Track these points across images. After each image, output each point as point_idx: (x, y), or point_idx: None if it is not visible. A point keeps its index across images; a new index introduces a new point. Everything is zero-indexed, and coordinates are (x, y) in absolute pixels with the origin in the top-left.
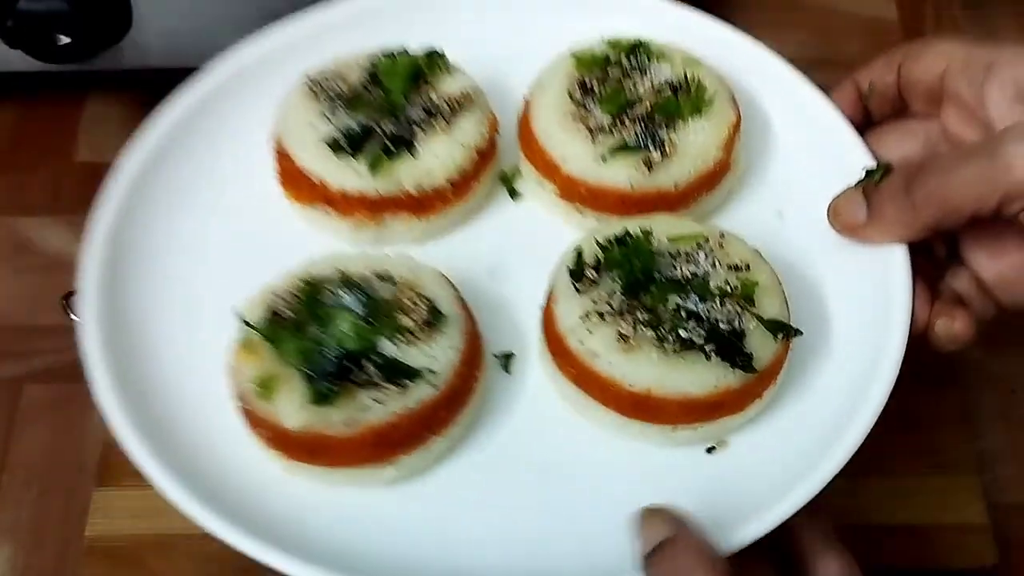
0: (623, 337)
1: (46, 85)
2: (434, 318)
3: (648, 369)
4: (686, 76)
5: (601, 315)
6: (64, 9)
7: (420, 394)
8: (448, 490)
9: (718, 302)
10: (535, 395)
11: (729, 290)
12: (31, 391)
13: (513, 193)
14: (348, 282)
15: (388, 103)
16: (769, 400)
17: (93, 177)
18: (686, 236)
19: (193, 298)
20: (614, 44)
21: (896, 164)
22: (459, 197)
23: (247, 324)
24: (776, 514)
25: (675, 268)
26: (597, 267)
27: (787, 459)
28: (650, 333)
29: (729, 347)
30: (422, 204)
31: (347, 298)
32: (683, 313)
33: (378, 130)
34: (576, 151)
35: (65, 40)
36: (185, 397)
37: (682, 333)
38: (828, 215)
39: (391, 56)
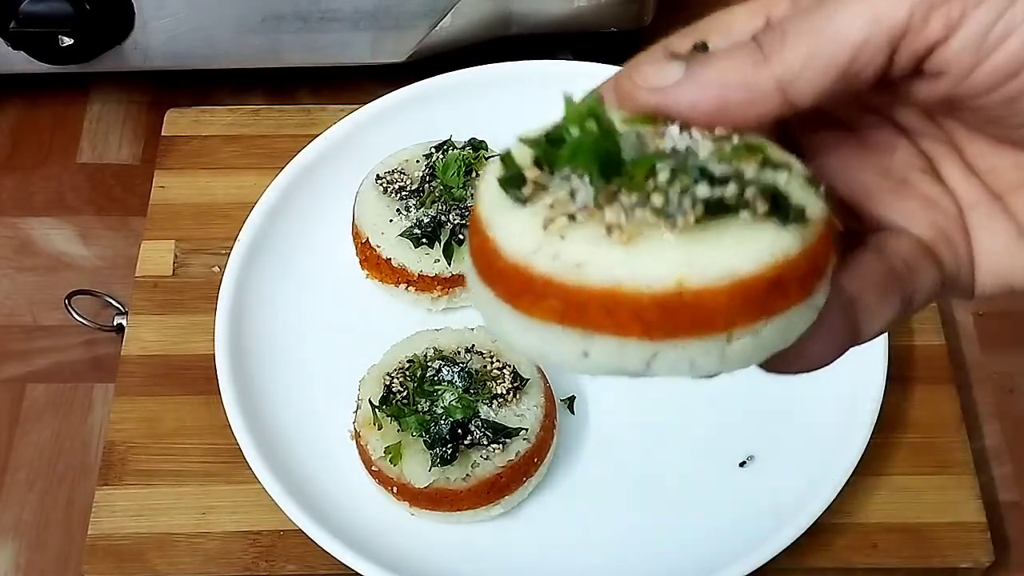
0: (614, 229)
1: (48, 86)
2: (518, 382)
3: (668, 254)
4: None
5: (571, 217)
6: (67, 11)
7: (518, 448)
8: (540, 516)
9: (728, 159)
10: (596, 429)
11: (734, 150)
12: (33, 391)
13: None
14: (444, 358)
15: (450, 196)
16: (828, 288)
17: (95, 178)
18: (644, 119)
19: (305, 372)
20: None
21: None
22: None
23: (374, 406)
24: (806, 517)
25: (646, 147)
26: (539, 164)
27: (807, 467)
28: (650, 211)
29: (773, 197)
30: None
31: (446, 372)
32: (687, 178)
33: (446, 220)
34: None
35: (68, 42)
36: (318, 459)
37: (700, 192)
38: (616, 81)
39: (443, 150)
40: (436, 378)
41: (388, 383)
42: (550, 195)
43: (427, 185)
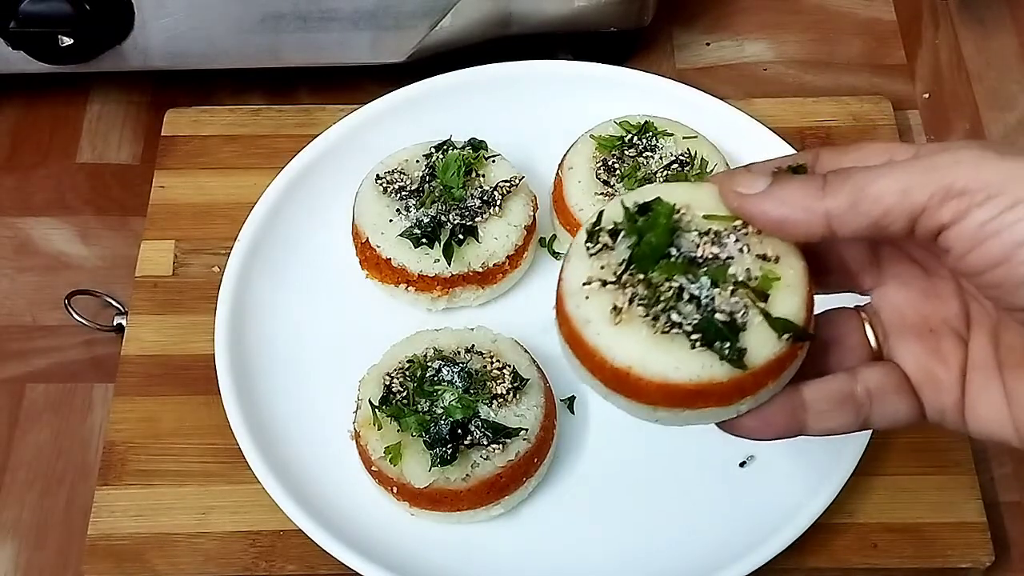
0: (616, 309)
1: (48, 86)
2: (518, 382)
3: (633, 346)
4: (688, 151)
5: (604, 282)
6: (67, 11)
7: (518, 448)
8: (540, 516)
9: (729, 290)
10: (596, 430)
11: (746, 280)
12: (33, 391)
13: (555, 254)
14: (444, 358)
15: (450, 196)
16: (767, 398)
17: (95, 178)
18: (723, 217)
19: (305, 372)
20: (624, 125)
21: None
22: (513, 267)
23: (374, 406)
24: (805, 517)
25: (697, 247)
26: (615, 233)
27: (807, 467)
28: (642, 310)
29: (719, 338)
30: (485, 277)
31: (446, 372)
32: (684, 296)
33: (446, 220)
34: None
35: (68, 42)
36: (318, 459)
37: (673, 316)
38: (719, 180)
39: (443, 150)
40: (436, 378)
41: (388, 383)
42: (608, 256)
43: (427, 185)
